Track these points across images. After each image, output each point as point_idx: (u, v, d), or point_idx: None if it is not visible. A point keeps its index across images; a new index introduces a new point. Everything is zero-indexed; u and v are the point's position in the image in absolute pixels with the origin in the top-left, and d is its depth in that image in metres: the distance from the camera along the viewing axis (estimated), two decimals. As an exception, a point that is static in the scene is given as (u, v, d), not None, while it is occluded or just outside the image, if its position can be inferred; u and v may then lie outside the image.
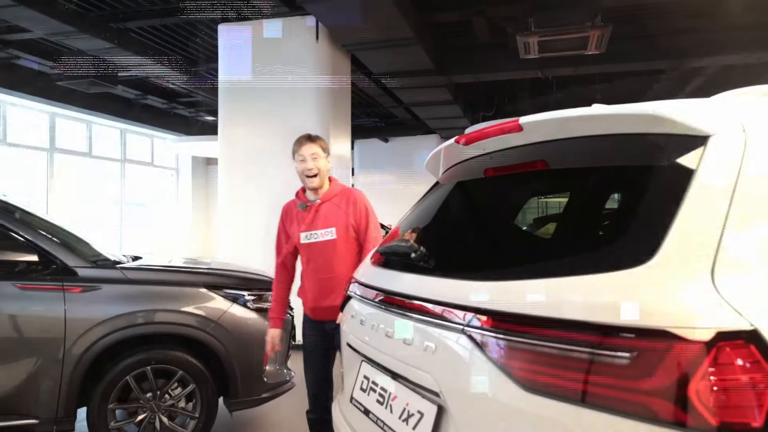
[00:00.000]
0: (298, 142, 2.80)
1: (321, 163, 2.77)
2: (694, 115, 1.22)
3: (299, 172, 2.78)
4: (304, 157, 2.75)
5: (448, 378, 1.28)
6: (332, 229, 2.73)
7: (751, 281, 1.02)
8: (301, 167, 2.76)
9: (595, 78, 8.95)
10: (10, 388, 2.97)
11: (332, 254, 2.73)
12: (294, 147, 2.81)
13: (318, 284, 2.75)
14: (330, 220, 2.74)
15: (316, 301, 2.76)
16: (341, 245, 2.73)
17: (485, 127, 1.70)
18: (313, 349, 2.85)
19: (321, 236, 2.73)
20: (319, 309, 2.76)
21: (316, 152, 2.76)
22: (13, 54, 7.94)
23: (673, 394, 0.94)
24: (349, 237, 2.75)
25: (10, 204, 3.72)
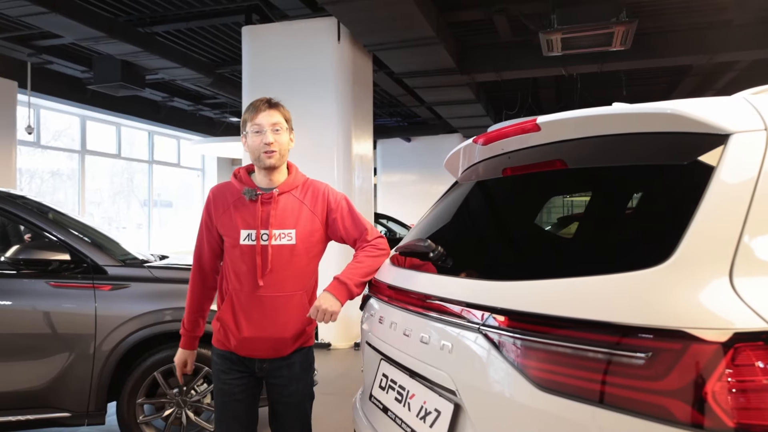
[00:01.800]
0: (254, 107, 2.03)
1: (283, 138, 2.03)
2: (714, 114, 1.21)
3: (252, 148, 2.02)
4: (261, 127, 1.99)
5: (464, 376, 1.29)
6: (291, 231, 2.02)
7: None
8: (257, 141, 1.99)
9: (621, 75, 8.83)
10: (44, 382, 3.06)
11: (287, 265, 2.01)
12: (246, 115, 2.05)
13: (259, 305, 1.99)
14: (289, 218, 2.03)
15: (253, 329, 1.99)
16: (300, 254, 2.03)
17: (503, 127, 1.70)
18: (233, 396, 2.06)
19: (275, 239, 2.00)
20: (256, 341, 2.00)
21: (278, 122, 2.01)
22: (46, 59, 8.17)
23: (689, 395, 0.94)
24: (310, 244, 2.06)
25: (43, 205, 3.85)
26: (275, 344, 2.03)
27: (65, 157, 11.09)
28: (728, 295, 0.99)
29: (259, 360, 2.06)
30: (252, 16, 6.60)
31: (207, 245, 2.14)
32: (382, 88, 9.30)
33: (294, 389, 2.09)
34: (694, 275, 1.02)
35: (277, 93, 7.04)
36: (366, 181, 6.90)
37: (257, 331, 2.01)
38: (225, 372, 2.08)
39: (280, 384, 2.07)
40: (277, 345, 2.03)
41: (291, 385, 2.09)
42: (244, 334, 2.01)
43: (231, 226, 2.05)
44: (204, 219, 2.14)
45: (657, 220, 1.17)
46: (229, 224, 2.05)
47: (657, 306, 1.00)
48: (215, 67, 8.48)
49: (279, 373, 2.07)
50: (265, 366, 2.06)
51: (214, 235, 2.11)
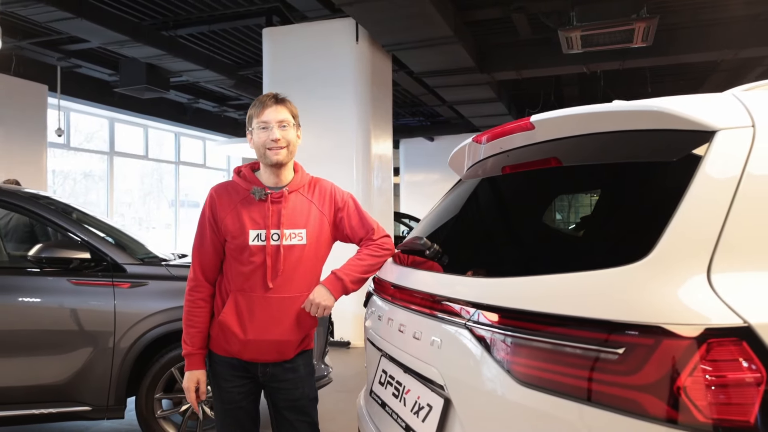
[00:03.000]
0: (260, 103, 1.97)
1: (291, 134, 1.98)
2: (700, 111, 1.21)
3: (257, 144, 1.96)
4: (268, 123, 1.94)
5: (451, 372, 1.31)
6: (302, 231, 1.98)
7: (749, 279, 1.01)
8: (263, 137, 1.94)
9: (645, 72, 8.69)
10: (66, 376, 3.17)
11: (296, 266, 1.96)
12: (252, 111, 1.99)
13: (266, 307, 1.94)
14: (299, 217, 1.99)
15: (259, 332, 1.94)
16: (310, 255, 2.00)
17: (500, 126, 1.72)
18: (236, 403, 2.03)
19: (286, 239, 1.95)
20: (261, 344, 1.95)
21: (285, 119, 1.96)
22: (75, 63, 8.40)
23: (661, 390, 0.95)
24: (319, 243, 2.02)
25: (67, 205, 3.97)
26: (280, 347, 1.98)
27: (97, 159, 11.39)
28: (704, 292, 0.99)
29: (262, 364, 2.00)
30: (272, 18, 6.69)
31: (212, 249, 2.00)
32: (404, 87, 9.32)
33: (300, 393, 2.05)
34: (671, 271, 1.03)
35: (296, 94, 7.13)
36: (385, 181, 6.94)
37: (263, 333, 1.95)
38: (226, 379, 2.02)
39: (286, 388, 2.03)
40: (281, 348, 1.99)
41: (297, 389, 2.05)
42: (249, 337, 1.94)
43: (238, 226, 1.95)
44: (207, 220, 2.00)
45: (639, 218, 1.17)
46: (236, 224, 1.96)
47: (631, 302, 1.01)
48: (238, 69, 8.60)
49: (284, 377, 2.02)
50: (268, 370, 2.01)
51: (219, 238, 2.00)
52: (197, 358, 2.02)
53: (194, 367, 2.02)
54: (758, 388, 0.91)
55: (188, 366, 2.02)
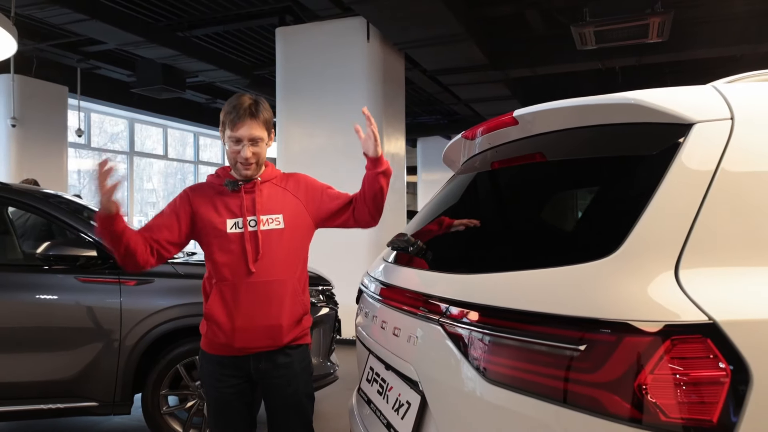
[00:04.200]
0: (236, 115, 1.91)
1: (262, 149, 1.99)
2: (677, 103, 1.18)
3: (229, 155, 1.98)
4: (240, 139, 1.93)
5: (425, 369, 1.30)
6: (279, 216, 2.00)
7: (718, 276, 0.98)
8: (233, 150, 1.95)
9: (664, 68, 8.54)
10: (73, 373, 3.22)
11: (277, 249, 1.97)
12: (226, 117, 1.94)
13: (251, 292, 1.93)
14: (275, 203, 2.02)
15: (246, 318, 1.92)
16: (289, 238, 2.00)
17: (486, 121, 1.70)
18: (229, 404, 2.00)
19: (263, 224, 1.97)
20: (250, 331, 1.93)
21: (259, 137, 1.95)
22: (94, 65, 8.55)
23: (625, 388, 0.93)
24: (298, 227, 2.03)
25: (80, 204, 4.04)
26: (270, 332, 1.95)
27: (121, 159, 11.59)
28: (671, 288, 0.97)
29: (255, 360, 1.97)
30: (285, 18, 6.73)
31: (175, 218, 1.98)
32: (419, 85, 9.29)
33: (294, 389, 2.02)
34: (638, 267, 1.00)
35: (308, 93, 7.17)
36: (398, 179, 6.93)
37: (250, 320, 1.93)
38: (218, 379, 1.99)
39: (279, 385, 2.00)
40: (272, 333, 1.95)
41: (290, 385, 2.01)
42: (237, 324, 1.92)
43: (215, 216, 1.98)
44: (181, 199, 2.01)
45: (612, 213, 1.15)
46: (212, 215, 1.98)
47: (595, 297, 0.99)
48: (252, 68, 8.67)
49: (277, 373, 1.99)
50: (261, 366, 1.98)
51: (188, 217, 1.98)
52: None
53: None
54: (722, 386, 0.89)
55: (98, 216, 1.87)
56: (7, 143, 8.15)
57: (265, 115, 1.98)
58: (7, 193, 3.53)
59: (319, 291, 3.89)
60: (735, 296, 0.95)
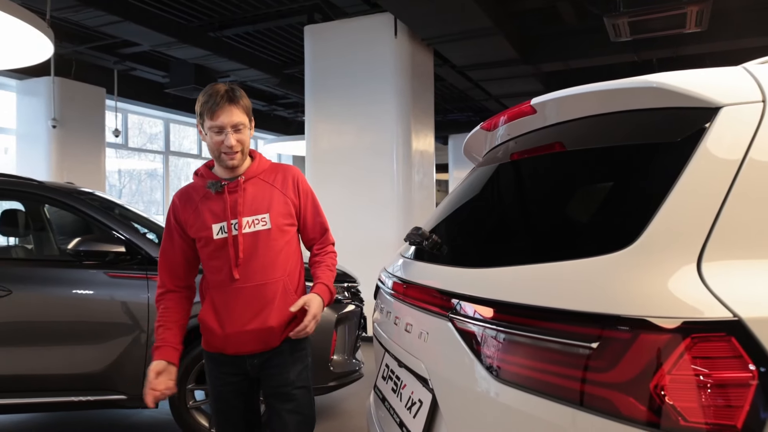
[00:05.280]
0: (213, 102, 1.82)
1: (245, 136, 1.90)
2: (704, 86, 1.10)
3: (211, 147, 1.89)
4: (222, 127, 1.84)
5: (435, 365, 1.25)
6: (265, 216, 1.92)
7: (744, 269, 0.91)
8: (216, 141, 1.86)
9: (704, 59, 8.24)
10: (103, 366, 3.28)
11: (265, 251, 1.91)
12: (202, 108, 1.86)
13: (241, 297, 1.89)
14: (261, 202, 1.94)
15: (236, 324, 1.90)
16: (277, 237, 1.93)
17: (504, 111, 1.64)
18: (228, 402, 2.00)
19: (248, 226, 1.90)
20: (241, 336, 1.90)
21: (240, 122, 1.86)
22: (130, 66, 8.74)
23: (640, 390, 0.86)
24: (285, 226, 1.97)
25: (111, 202, 4.13)
26: (261, 336, 1.92)
27: (160, 159, 11.85)
28: (692, 282, 0.90)
29: (249, 356, 1.95)
30: (314, 16, 6.74)
31: (181, 254, 1.98)
32: (450, 82, 9.20)
33: (284, 379, 1.97)
34: (657, 260, 0.93)
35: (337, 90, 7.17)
36: (427, 176, 6.87)
37: (240, 325, 1.90)
38: (216, 376, 2.01)
39: (271, 375, 1.98)
40: (264, 337, 1.92)
41: (282, 375, 1.97)
42: (228, 331, 1.91)
43: (201, 223, 1.93)
44: (173, 226, 1.98)
45: (629, 203, 1.08)
46: (199, 222, 1.93)
47: (610, 292, 0.93)
48: (283, 67, 8.72)
49: (269, 364, 1.97)
50: (255, 362, 1.96)
51: (188, 241, 1.97)
52: (164, 350, 1.91)
53: (157, 357, 1.91)
54: (747, 389, 0.82)
55: (153, 358, 1.92)
56: (48, 144, 8.40)
57: (245, 101, 1.91)
58: (41, 191, 3.62)
59: (344, 288, 3.87)
60: (762, 292, 0.87)
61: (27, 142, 8.59)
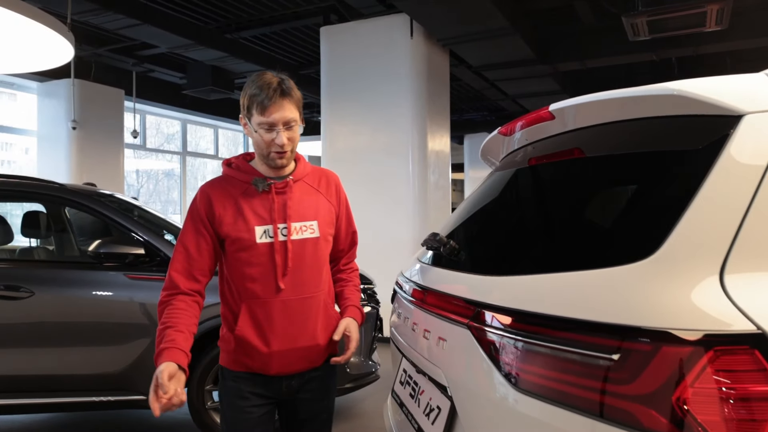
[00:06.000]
0: (264, 94, 1.63)
1: (297, 133, 1.72)
2: (725, 93, 1.09)
3: (259, 144, 1.70)
4: (273, 124, 1.65)
5: (454, 373, 1.25)
6: (313, 223, 1.75)
7: (766, 282, 0.90)
8: (266, 138, 1.67)
9: (725, 57, 8.12)
10: (122, 367, 3.32)
11: (312, 261, 1.75)
12: (251, 101, 1.66)
13: (288, 310, 1.71)
14: (308, 208, 1.77)
15: (284, 341, 1.71)
16: (323, 247, 1.79)
17: (522, 116, 1.64)
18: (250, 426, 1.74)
19: (296, 233, 1.72)
20: (288, 354, 1.72)
21: (293, 119, 1.68)
22: (148, 68, 8.84)
23: (662, 403, 0.86)
24: (329, 236, 1.82)
25: (130, 203, 4.18)
26: (309, 354, 1.76)
27: (177, 159, 11.98)
28: (714, 294, 0.89)
29: (287, 377, 1.76)
30: (330, 17, 6.76)
31: (207, 254, 1.70)
32: (465, 82, 9.17)
33: (325, 405, 1.87)
34: (678, 271, 0.93)
35: (353, 91, 7.17)
36: (442, 177, 6.85)
37: (288, 342, 1.71)
38: (242, 398, 1.73)
39: (310, 399, 1.82)
40: (310, 355, 1.76)
41: (323, 400, 1.86)
42: (273, 348, 1.70)
43: (242, 223, 1.69)
44: (201, 221, 1.69)
45: (649, 212, 1.07)
46: (239, 222, 1.69)
47: (630, 303, 0.92)
48: (298, 68, 8.75)
49: (308, 386, 1.80)
50: (293, 383, 1.77)
51: (215, 240, 1.71)
52: (174, 353, 1.56)
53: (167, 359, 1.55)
54: (771, 403, 0.81)
55: (159, 360, 1.55)
56: (68, 145, 8.53)
57: (297, 94, 1.72)
58: (62, 194, 3.67)
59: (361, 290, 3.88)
60: (787, 304, 0.86)
61: (48, 143, 8.73)
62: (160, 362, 1.54)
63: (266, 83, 1.65)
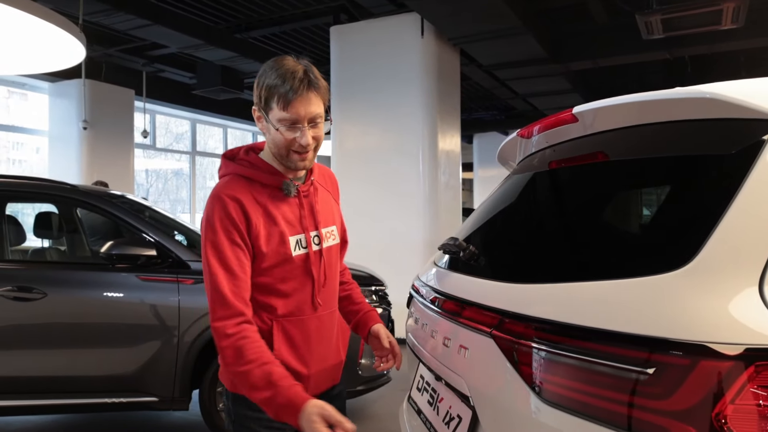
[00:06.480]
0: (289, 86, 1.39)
1: (321, 131, 1.49)
2: (761, 96, 1.05)
3: (278, 143, 1.45)
4: (297, 120, 1.42)
5: (476, 382, 1.22)
6: (334, 229, 1.62)
7: (810, 292, 0.86)
8: (288, 137, 1.43)
9: (739, 56, 8.03)
10: (134, 368, 3.31)
11: (336, 270, 1.62)
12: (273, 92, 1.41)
13: (322, 327, 1.55)
14: (328, 211, 1.62)
15: (322, 360, 1.56)
16: (340, 254, 1.68)
17: (544, 119, 1.60)
18: None
19: (326, 239, 1.57)
20: (324, 372, 1.59)
21: (319, 115, 1.45)
22: (158, 68, 8.86)
23: (700, 419, 0.82)
24: (342, 240, 1.70)
25: (142, 205, 4.17)
26: (335, 371, 1.64)
27: (186, 158, 12.01)
28: (754, 305, 0.85)
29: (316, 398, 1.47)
30: (340, 16, 6.74)
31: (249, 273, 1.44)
32: (476, 81, 9.12)
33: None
34: (715, 281, 0.89)
35: (363, 90, 7.14)
36: (453, 176, 6.82)
37: (322, 361, 1.56)
38: (266, 426, 1.47)
39: None
40: (335, 372, 1.64)
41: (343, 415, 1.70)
42: (312, 370, 1.52)
43: (278, 236, 1.46)
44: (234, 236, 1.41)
45: (684, 220, 1.04)
46: (275, 235, 1.46)
47: (665, 315, 0.89)
48: (308, 68, 8.73)
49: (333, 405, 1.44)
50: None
51: (250, 256, 1.45)
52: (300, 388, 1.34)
53: (308, 397, 1.32)
54: (816, 420, 0.78)
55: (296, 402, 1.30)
56: (79, 144, 8.56)
57: (323, 83, 1.48)
58: (74, 194, 3.67)
59: (372, 291, 3.86)
60: (831, 317, 0.83)
61: (59, 143, 8.77)
62: (299, 404, 1.30)
63: (289, 72, 1.41)
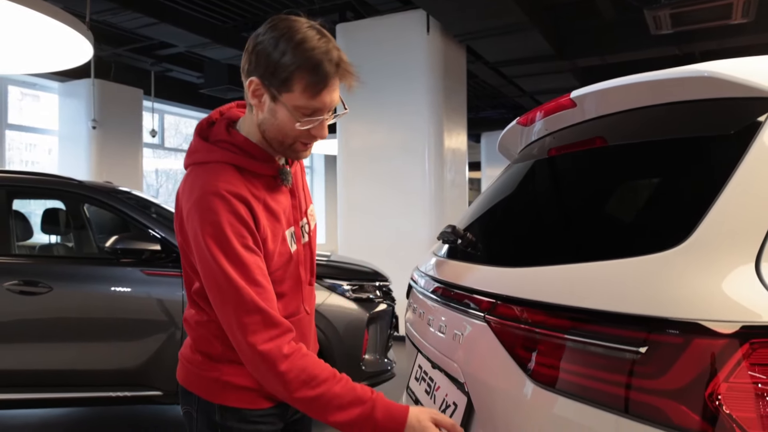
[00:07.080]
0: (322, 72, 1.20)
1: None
2: (759, 73, 1.03)
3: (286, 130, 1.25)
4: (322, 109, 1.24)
5: (470, 368, 1.21)
6: (312, 206, 1.49)
7: (807, 269, 0.84)
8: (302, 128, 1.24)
9: (750, 51, 7.94)
10: (139, 362, 3.33)
11: (313, 263, 1.46)
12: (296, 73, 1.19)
13: (309, 328, 1.45)
14: (305, 189, 1.48)
15: None
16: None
17: (541, 105, 1.59)
18: None
19: (311, 221, 1.45)
20: None
21: (337, 102, 1.30)
22: (166, 68, 8.90)
23: (693, 398, 0.81)
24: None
25: (148, 201, 4.19)
26: None
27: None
28: (749, 283, 0.84)
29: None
30: (346, 14, 6.73)
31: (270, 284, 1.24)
32: (482, 79, 9.09)
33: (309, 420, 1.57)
34: (711, 259, 0.87)
35: (369, 87, 7.13)
36: (459, 174, 6.79)
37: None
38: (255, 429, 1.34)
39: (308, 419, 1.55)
40: None
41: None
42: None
43: (279, 233, 1.30)
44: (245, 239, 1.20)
45: (679, 199, 1.02)
46: (277, 232, 1.29)
47: (659, 293, 0.87)
48: (315, 66, 8.74)
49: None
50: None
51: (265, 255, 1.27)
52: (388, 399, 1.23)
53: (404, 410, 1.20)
54: (812, 399, 0.75)
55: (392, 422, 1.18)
56: (88, 144, 8.62)
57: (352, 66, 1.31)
58: (80, 190, 3.69)
59: (376, 287, 3.85)
60: (829, 294, 0.81)
61: (68, 142, 8.83)
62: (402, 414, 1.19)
63: (324, 53, 1.21)
